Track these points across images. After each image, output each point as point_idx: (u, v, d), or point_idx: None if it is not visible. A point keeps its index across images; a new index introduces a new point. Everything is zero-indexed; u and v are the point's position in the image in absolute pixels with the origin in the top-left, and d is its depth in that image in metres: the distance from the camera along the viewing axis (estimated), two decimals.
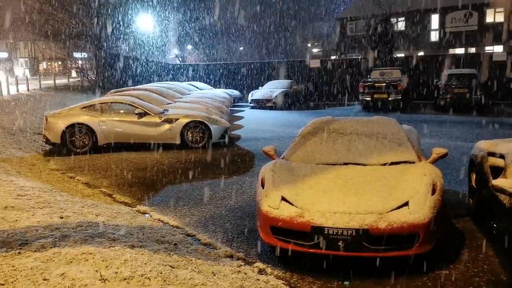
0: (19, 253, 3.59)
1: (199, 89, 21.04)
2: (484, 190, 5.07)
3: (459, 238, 4.83)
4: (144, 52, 29.66)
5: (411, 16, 32.48)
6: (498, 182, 4.30)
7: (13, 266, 3.30)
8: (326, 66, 24.65)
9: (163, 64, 30.30)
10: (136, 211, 6.09)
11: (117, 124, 10.66)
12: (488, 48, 30.72)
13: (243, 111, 19.80)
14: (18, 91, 21.16)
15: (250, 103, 21.51)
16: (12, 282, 3.07)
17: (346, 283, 3.95)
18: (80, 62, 31.01)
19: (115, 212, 5.67)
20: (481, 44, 31.46)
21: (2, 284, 3.03)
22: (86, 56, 30.15)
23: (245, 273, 3.94)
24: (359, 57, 27.21)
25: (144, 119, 10.72)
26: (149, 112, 10.85)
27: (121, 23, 26.86)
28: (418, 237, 3.92)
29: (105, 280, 3.18)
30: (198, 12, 38.27)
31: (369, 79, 19.24)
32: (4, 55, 60.77)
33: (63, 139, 10.40)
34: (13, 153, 9.69)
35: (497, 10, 31.28)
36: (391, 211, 4.01)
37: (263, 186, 4.66)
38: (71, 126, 10.44)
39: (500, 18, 31.35)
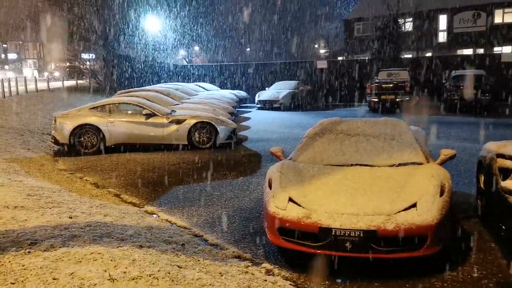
0: (29, 252, 3.62)
1: (206, 90, 21.09)
2: (493, 191, 5.04)
3: (467, 239, 4.80)
4: (152, 53, 29.77)
5: (418, 16, 32.29)
6: (507, 183, 4.28)
7: (23, 265, 3.33)
8: (333, 67, 24.60)
9: (170, 65, 30.40)
10: (144, 211, 6.13)
11: (125, 125, 10.71)
12: (497, 49, 30.48)
13: (250, 112, 19.81)
14: (27, 91, 21.35)
15: (257, 104, 21.52)
16: (23, 281, 3.10)
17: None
18: (88, 63, 31.23)
19: (123, 212, 5.70)
20: (489, 45, 31.22)
21: (13, 283, 3.06)
22: (94, 57, 30.35)
23: (252, 274, 3.95)
24: (366, 58, 27.13)
25: (151, 120, 10.77)
26: (157, 113, 10.89)
27: (129, 25, 27.00)
28: (426, 239, 3.91)
29: (113, 280, 3.20)
30: (206, 13, 38.37)
31: (376, 80, 19.17)
32: (13, 56, 61.28)
33: (71, 140, 10.47)
34: (22, 153, 9.77)
35: (506, 10, 31.04)
36: (399, 212, 4.00)
37: (270, 187, 4.67)
38: (80, 127, 10.51)
39: (509, 18, 31.10)
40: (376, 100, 18.36)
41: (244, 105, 22.29)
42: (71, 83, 28.51)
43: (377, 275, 4.02)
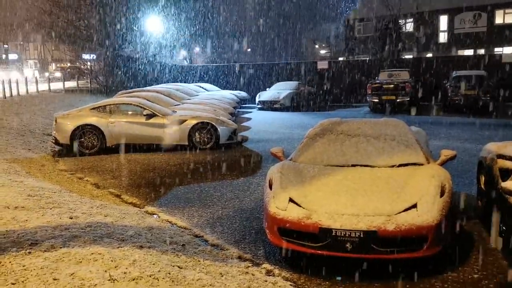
0: (30, 252, 3.62)
1: (206, 90, 21.09)
2: (493, 192, 5.04)
3: (467, 240, 4.81)
4: (152, 53, 29.79)
5: (419, 17, 32.29)
6: (507, 184, 4.28)
7: (23, 266, 3.34)
8: (334, 67, 24.60)
9: (171, 65, 30.40)
10: (145, 212, 6.13)
11: (126, 126, 10.72)
12: (498, 49, 30.46)
13: (250, 112, 19.82)
14: (27, 92, 21.35)
15: (258, 104, 21.51)
16: (23, 282, 3.10)
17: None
18: (89, 63, 31.23)
19: (123, 213, 5.70)
20: (490, 46, 31.19)
21: (13, 284, 3.06)
22: (94, 57, 30.36)
23: (252, 274, 3.95)
24: (367, 59, 27.12)
25: (152, 120, 10.77)
26: (157, 114, 10.90)
27: (129, 25, 27.01)
28: (427, 239, 3.91)
29: (114, 280, 3.20)
30: (206, 13, 38.42)
31: (377, 81, 19.15)
32: (14, 56, 61.33)
33: (72, 140, 10.48)
34: (23, 153, 9.78)
35: (507, 11, 31.03)
36: (399, 213, 4.01)
37: (270, 187, 4.67)
38: (80, 127, 10.52)
39: (509, 19, 31.09)
40: (376, 100, 18.34)
41: (244, 105, 22.28)
42: (71, 83, 28.53)
43: (377, 275, 4.02)
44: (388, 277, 3.98)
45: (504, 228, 4.79)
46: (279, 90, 21.57)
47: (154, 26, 29.36)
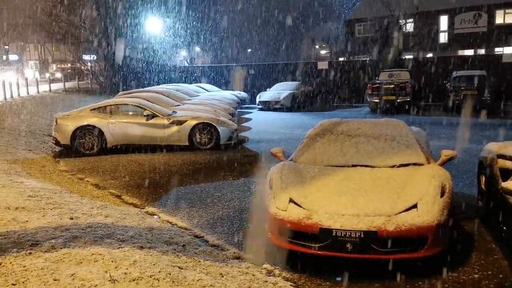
0: (30, 253, 3.63)
1: (206, 91, 21.09)
2: (494, 192, 5.03)
3: (468, 240, 4.80)
4: (153, 54, 29.82)
5: (419, 17, 32.26)
6: (508, 184, 4.27)
7: (24, 266, 3.34)
8: (334, 67, 24.59)
9: (171, 66, 30.41)
10: (145, 212, 6.14)
11: (126, 126, 10.72)
12: (498, 49, 30.43)
13: (251, 112, 19.82)
14: (28, 93, 21.36)
15: (258, 104, 21.52)
16: (23, 282, 3.10)
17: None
18: (89, 64, 31.28)
19: (124, 213, 5.71)
20: (490, 46, 31.17)
21: (14, 284, 3.06)
22: (95, 58, 30.41)
23: (253, 275, 3.95)
24: (367, 59, 27.11)
25: (152, 121, 10.78)
26: (158, 114, 10.91)
27: (130, 25, 27.04)
28: (427, 240, 3.91)
29: (114, 281, 3.20)
30: (207, 13, 38.48)
31: (377, 81, 19.15)
32: (15, 57, 61.34)
33: (72, 141, 10.49)
34: (23, 154, 9.79)
35: (507, 11, 30.99)
36: (399, 213, 4.00)
37: (271, 188, 4.67)
38: (81, 128, 10.53)
39: (510, 19, 31.06)
40: (377, 101, 18.34)
41: (245, 106, 22.28)
42: (72, 84, 28.55)
43: (378, 275, 4.02)
44: (388, 277, 3.97)
45: (504, 228, 4.79)
46: (280, 90, 21.59)
47: (155, 27, 29.39)
